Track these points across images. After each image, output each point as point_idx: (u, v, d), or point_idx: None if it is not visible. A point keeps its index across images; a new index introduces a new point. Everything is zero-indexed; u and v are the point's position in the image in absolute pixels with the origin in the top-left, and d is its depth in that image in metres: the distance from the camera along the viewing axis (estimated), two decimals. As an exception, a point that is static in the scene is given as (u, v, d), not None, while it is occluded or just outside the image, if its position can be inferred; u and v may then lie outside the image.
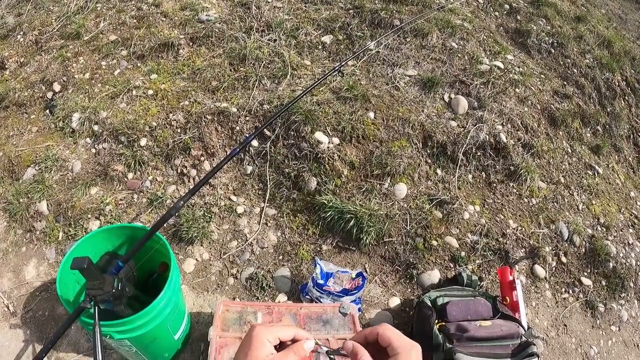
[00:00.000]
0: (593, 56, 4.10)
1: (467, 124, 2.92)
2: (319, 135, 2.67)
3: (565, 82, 3.79)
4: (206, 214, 2.56)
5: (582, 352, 2.56)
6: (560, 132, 3.33)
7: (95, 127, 2.84)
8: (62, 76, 3.21)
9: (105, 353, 2.07)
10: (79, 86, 3.10)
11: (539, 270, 2.64)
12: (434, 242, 2.48)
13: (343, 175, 2.59)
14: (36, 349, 2.14)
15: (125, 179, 2.65)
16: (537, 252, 2.66)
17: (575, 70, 3.91)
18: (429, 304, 2.13)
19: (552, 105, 3.39)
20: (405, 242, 2.48)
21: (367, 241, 2.41)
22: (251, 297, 2.36)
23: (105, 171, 2.67)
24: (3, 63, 3.43)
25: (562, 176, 3.07)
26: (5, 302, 2.29)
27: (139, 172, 2.66)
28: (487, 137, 2.88)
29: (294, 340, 0.62)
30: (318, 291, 2.19)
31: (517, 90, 3.30)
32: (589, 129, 3.57)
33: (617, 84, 4.01)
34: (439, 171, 2.75)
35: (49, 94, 3.13)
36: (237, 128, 2.75)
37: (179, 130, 2.76)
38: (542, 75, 3.69)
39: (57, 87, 3.15)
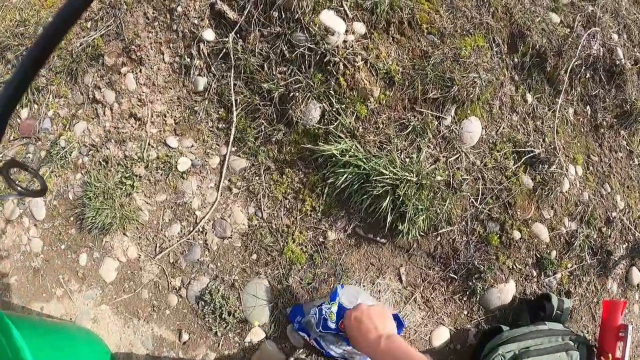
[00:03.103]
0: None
1: (574, 25, 1.70)
2: (327, 16, 1.34)
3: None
4: (125, 180, 1.46)
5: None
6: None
7: (-20, 45, 1.79)
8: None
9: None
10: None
11: (635, 275, 1.71)
12: (516, 234, 1.40)
13: (372, 99, 1.33)
14: None
15: (19, 121, 1.75)
16: (640, 248, 1.70)
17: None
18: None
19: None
20: (471, 230, 1.37)
21: (411, 234, 1.27)
22: (205, 331, 1.28)
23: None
24: None
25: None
26: None
27: (36, 106, 1.71)
28: (601, 50, 1.70)
29: None
30: (324, 332, 1.11)
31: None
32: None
33: None
34: (529, 97, 1.57)
35: None
36: (179, 9, 1.46)
37: (88, 26, 1.61)
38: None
39: None
